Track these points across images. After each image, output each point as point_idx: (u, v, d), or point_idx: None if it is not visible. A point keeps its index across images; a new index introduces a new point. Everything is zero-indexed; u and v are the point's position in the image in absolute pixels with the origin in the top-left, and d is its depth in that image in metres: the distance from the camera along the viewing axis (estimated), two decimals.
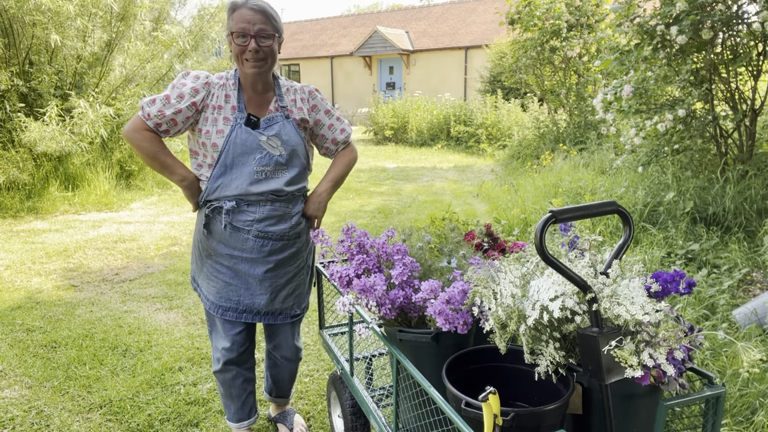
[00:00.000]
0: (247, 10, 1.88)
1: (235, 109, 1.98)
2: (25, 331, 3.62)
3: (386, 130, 15.48)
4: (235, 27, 1.88)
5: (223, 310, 2.11)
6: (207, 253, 2.10)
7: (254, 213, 2.01)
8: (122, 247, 5.52)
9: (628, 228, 1.37)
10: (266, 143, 1.98)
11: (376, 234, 5.48)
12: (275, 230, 2.05)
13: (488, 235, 2.07)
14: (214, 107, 1.97)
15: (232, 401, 2.31)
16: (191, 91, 1.95)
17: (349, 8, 68.39)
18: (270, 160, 1.98)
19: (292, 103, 2.08)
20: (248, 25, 1.87)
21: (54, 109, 7.09)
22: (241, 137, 1.95)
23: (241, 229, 2.02)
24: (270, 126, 2.00)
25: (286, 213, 2.06)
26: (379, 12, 29.89)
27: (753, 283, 3.48)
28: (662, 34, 4.20)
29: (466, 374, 1.53)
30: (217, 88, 1.99)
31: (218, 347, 2.20)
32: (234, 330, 2.16)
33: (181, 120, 1.96)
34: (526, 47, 9.42)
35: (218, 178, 1.98)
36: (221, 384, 2.29)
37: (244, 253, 2.04)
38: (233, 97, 1.99)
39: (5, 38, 7.19)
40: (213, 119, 1.97)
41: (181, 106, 1.94)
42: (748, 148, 4.57)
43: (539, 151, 9.74)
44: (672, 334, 1.29)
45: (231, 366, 2.22)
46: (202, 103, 1.96)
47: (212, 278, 2.11)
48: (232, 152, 1.95)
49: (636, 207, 4.62)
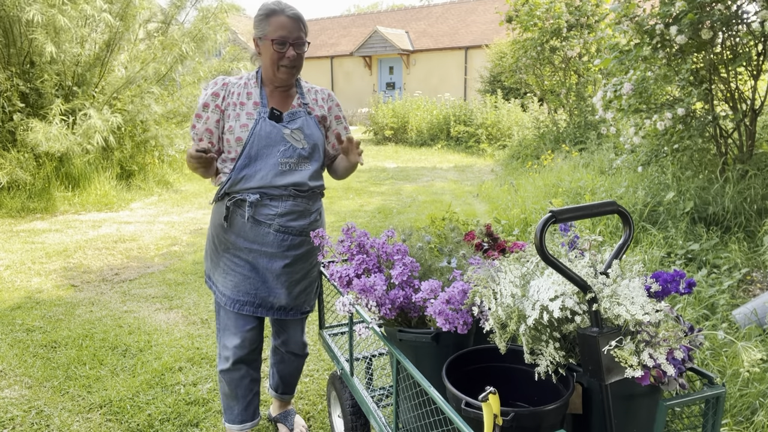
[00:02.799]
0: (286, 18, 1.95)
1: (258, 104, 2.04)
2: (25, 331, 3.62)
3: (386, 130, 15.48)
4: (274, 34, 1.94)
5: (240, 305, 2.12)
6: (224, 247, 2.12)
7: (276, 207, 2.04)
8: (122, 247, 5.52)
9: (628, 228, 1.37)
10: (290, 136, 2.03)
11: (376, 234, 5.48)
12: (296, 225, 2.08)
13: (488, 235, 2.07)
14: (235, 104, 2.04)
15: (237, 402, 2.28)
16: (212, 96, 2.04)
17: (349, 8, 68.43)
18: (293, 153, 2.03)
19: (313, 102, 2.15)
20: (287, 33, 1.95)
21: (58, 108, 7.09)
22: (266, 129, 2.00)
23: (262, 222, 2.04)
24: (293, 120, 2.05)
25: (306, 209, 2.10)
26: (379, 12, 29.90)
27: (753, 283, 3.48)
28: (662, 33, 4.20)
29: (466, 374, 1.53)
30: (237, 86, 2.06)
31: (228, 345, 2.19)
32: (247, 326, 2.16)
33: (214, 126, 2.03)
34: (526, 47, 9.42)
35: (242, 170, 2.01)
36: (227, 383, 2.24)
37: (264, 246, 2.07)
38: (255, 93, 2.06)
39: (5, 38, 7.18)
40: (236, 115, 2.02)
41: (209, 114, 2.03)
42: (748, 148, 4.57)
43: (539, 151, 9.74)
44: (672, 334, 1.29)
45: (240, 365, 2.21)
46: (224, 103, 2.04)
47: (230, 272, 2.12)
48: (257, 144, 2.00)
49: (636, 207, 4.62)
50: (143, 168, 8.56)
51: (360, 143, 2.06)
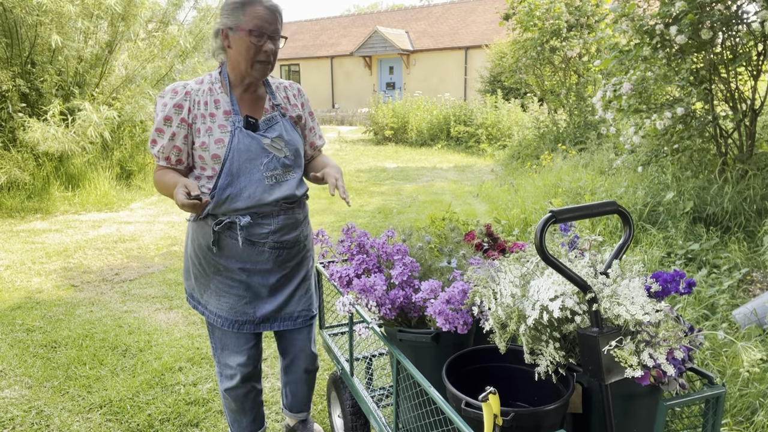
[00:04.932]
0: (263, 9, 1.77)
1: (229, 113, 1.85)
2: (25, 331, 3.62)
3: (386, 130, 15.48)
4: (250, 24, 1.76)
5: (240, 325, 2.01)
6: (215, 270, 1.97)
7: (269, 225, 1.92)
8: (122, 247, 5.52)
9: (628, 228, 1.37)
10: (271, 146, 1.88)
11: (376, 234, 5.48)
12: (289, 238, 1.98)
13: (488, 235, 2.07)
14: (203, 116, 1.85)
15: (245, 415, 2.20)
16: (174, 109, 1.83)
17: (349, 8, 68.37)
18: (277, 163, 1.89)
19: (285, 100, 1.99)
20: (266, 25, 1.78)
21: (57, 108, 7.09)
22: (244, 142, 1.84)
23: (256, 242, 1.92)
24: (271, 127, 1.91)
25: (297, 220, 2.01)
26: (379, 12, 29.90)
27: (753, 283, 3.47)
28: (661, 33, 4.20)
29: (466, 374, 1.53)
30: (201, 94, 1.87)
31: (231, 364, 2.08)
32: (249, 344, 2.07)
33: (181, 142, 1.85)
34: (526, 47, 9.42)
35: (226, 189, 1.84)
36: (233, 400, 2.14)
37: (258, 265, 1.96)
38: (223, 101, 1.86)
39: (8, 39, 7.19)
40: (206, 129, 1.84)
41: (174, 129, 1.84)
42: (747, 148, 4.57)
43: (539, 151, 9.74)
44: (672, 334, 1.29)
45: (247, 382, 2.11)
46: (190, 115, 1.84)
47: (223, 294, 1.99)
48: (237, 160, 1.83)
49: (636, 207, 4.62)
50: (143, 168, 8.56)
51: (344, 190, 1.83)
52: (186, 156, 1.88)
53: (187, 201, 1.63)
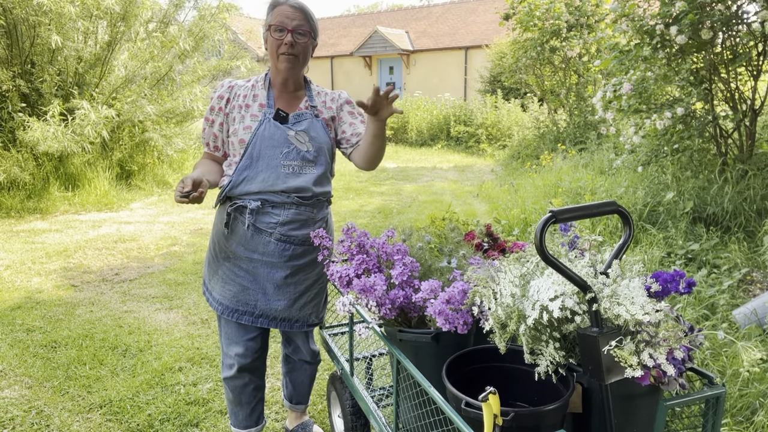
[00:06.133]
0: (288, 7, 1.93)
1: (263, 106, 2.00)
2: (25, 331, 3.62)
3: (386, 130, 15.47)
4: (273, 21, 1.92)
5: (239, 314, 2.06)
6: (224, 255, 2.05)
7: (278, 216, 1.97)
8: (122, 247, 5.52)
9: (628, 228, 1.37)
10: (294, 138, 1.97)
11: (376, 234, 5.48)
12: (298, 234, 2.00)
13: (488, 235, 2.07)
14: (240, 106, 2.01)
15: (241, 408, 2.24)
16: (218, 99, 2.03)
17: (349, 8, 68.42)
18: (297, 155, 1.97)
19: (322, 104, 2.08)
20: (287, 20, 1.91)
21: (56, 108, 7.09)
22: (269, 131, 1.96)
23: (263, 231, 1.98)
24: (299, 122, 2.00)
25: (310, 218, 2.02)
26: (379, 12, 29.90)
27: (753, 283, 3.48)
28: (662, 33, 4.20)
29: (466, 374, 1.53)
30: (243, 88, 2.04)
31: (230, 353, 2.13)
32: (248, 335, 2.11)
33: (218, 129, 2.04)
34: (526, 47, 9.42)
35: (243, 171, 1.96)
36: (231, 390, 2.21)
37: (265, 256, 2.00)
38: (261, 95, 2.02)
39: (8, 39, 7.19)
40: (240, 117, 2.00)
41: (214, 117, 2.04)
42: (747, 148, 4.57)
43: (539, 151, 9.75)
44: (672, 334, 1.29)
45: (244, 373, 2.16)
46: (228, 106, 2.02)
47: (228, 281, 2.06)
48: (259, 145, 1.95)
49: (636, 207, 4.63)
50: (143, 168, 8.56)
51: (391, 92, 1.81)
52: (221, 143, 2.06)
53: (178, 198, 1.76)
